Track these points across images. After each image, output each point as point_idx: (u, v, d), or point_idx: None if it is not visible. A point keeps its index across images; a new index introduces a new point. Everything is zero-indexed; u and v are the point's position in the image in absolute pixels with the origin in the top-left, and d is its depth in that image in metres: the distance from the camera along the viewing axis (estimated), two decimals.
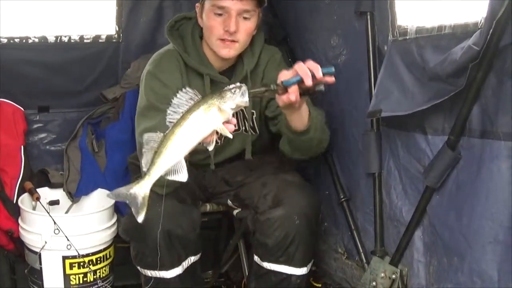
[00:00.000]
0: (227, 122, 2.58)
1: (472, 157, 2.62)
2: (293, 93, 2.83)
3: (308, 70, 2.80)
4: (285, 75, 2.85)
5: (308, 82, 2.80)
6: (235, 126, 2.64)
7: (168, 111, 2.56)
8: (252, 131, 3.66)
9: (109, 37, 4.41)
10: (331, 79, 2.85)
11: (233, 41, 3.39)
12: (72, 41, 4.30)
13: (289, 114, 3.11)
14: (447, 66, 2.57)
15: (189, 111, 2.52)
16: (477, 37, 2.37)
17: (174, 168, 2.53)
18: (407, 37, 2.94)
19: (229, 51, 3.42)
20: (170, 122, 2.54)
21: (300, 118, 3.14)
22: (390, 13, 3.08)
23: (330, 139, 3.64)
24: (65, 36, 4.27)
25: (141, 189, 2.53)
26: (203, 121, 2.52)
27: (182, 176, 2.55)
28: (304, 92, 2.86)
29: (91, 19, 4.34)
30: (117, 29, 4.40)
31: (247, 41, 3.48)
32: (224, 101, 2.53)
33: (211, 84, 3.51)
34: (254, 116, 3.63)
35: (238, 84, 2.59)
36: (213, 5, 3.34)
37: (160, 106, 3.33)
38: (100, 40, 4.39)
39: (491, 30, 2.31)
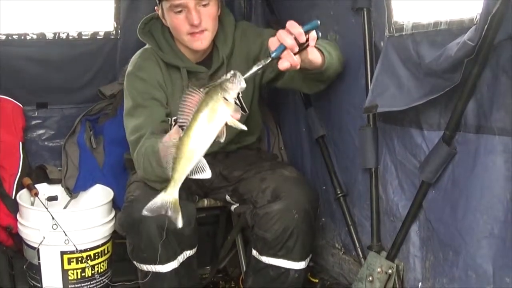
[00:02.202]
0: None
1: (467, 152, 2.63)
2: (286, 59, 2.83)
3: (290, 38, 2.79)
4: (272, 43, 2.83)
5: (295, 50, 2.82)
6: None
7: (178, 113, 2.55)
8: (241, 112, 3.67)
9: (107, 34, 4.43)
10: (314, 37, 2.87)
11: (201, 31, 3.41)
12: (70, 37, 4.33)
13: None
14: (442, 61, 2.57)
15: (198, 111, 2.52)
16: (472, 32, 2.38)
17: (196, 168, 2.56)
18: (403, 33, 2.95)
19: (202, 43, 3.45)
20: (181, 125, 2.55)
21: (311, 63, 3.09)
22: (387, 9, 3.08)
23: (328, 134, 3.68)
24: (63, 33, 4.30)
25: (170, 196, 2.58)
26: (214, 117, 2.53)
27: (206, 174, 2.59)
28: (302, 45, 2.86)
29: (89, 15, 4.35)
30: (115, 25, 4.42)
31: (215, 24, 3.50)
32: (227, 92, 2.55)
33: (191, 75, 3.55)
34: (241, 95, 3.64)
35: (232, 72, 2.60)
36: (170, 6, 3.37)
37: (144, 103, 3.41)
38: (98, 37, 4.41)
39: (486, 26, 2.31)
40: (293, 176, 3.58)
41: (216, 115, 2.53)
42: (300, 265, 3.47)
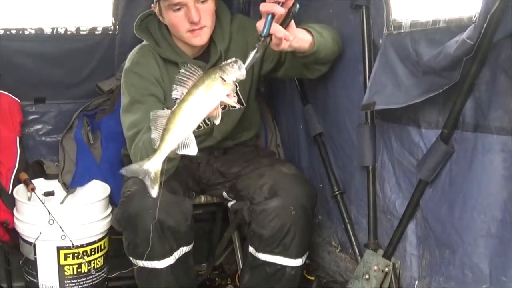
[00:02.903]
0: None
1: (465, 151, 2.64)
2: (277, 33, 2.86)
3: (271, 4, 2.82)
4: (259, 25, 2.87)
5: (279, 10, 2.83)
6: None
7: (173, 87, 2.61)
8: (239, 104, 3.68)
9: (105, 29, 4.41)
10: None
11: (201, 28, 3.42)
12: (69, 33, 4.31)
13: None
14: (441, 59, 2.58)
15: (194, 86, 2.58)
16: (471, 31, 2.38)
17: (183, 143, 2.60)
18: (402, 31, 2.95)
19: (201, 39, 3.46)
20: (175, 98, 2.59)
21: (301, 42, 3.12)
22: (385, 7, 3.08)
23: (325, 132, 3.67)
24: (62, 28, 4.28)
25: (153, 164, 2.62)
26: (209, 94, 2.58)
27: (192, 150, 2.62)
28: (285, 20, 2.89)
29: (87, 11, 4.33)
30: (114, 21, 4.40)
31: (213, 20, 3.51)
32: (226, 74, 2.60)
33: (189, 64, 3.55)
34: (238, 88, 3.64)
35: (233, 58, 2.66)
36: (169, 4, 3.37)
37: (142, 99, 3.42)
38: (96, 32, 4.40)
39: (485, 24, 2.31)
40: (291, 173, 3.58)
41: (211, 92, 2.58)
42: (297, 262, 3.47)
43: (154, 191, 2.65)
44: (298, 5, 2.90)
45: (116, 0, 4.37)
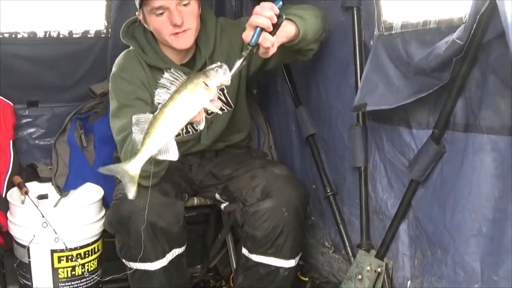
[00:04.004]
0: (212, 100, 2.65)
1: (456, 151, 2.65)
2: (264, 43, 2.85)
3: (263, 19, 2.81)
4: (247, 36, 2.85)
5: (270, 29, 2.83)
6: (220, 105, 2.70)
7: (156, 92, 2.61)
8: (227, 106, 3.69)
9: (98, 33, 4.41)
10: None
11: (184, 30, 3.41)
12: (61, 36, 4.30)
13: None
14: (431, 60, 2.59)
15: (177, 91, 2.58)
16: (461, 31, 2.40)
17: (164, 147, 2.59)
18: (393, 32, 2.96)
19: (186, 41, 3.45)
20: (158, 103, 2.59)
21: (287, 35, 3.11)
22: (376, 8, 3.10)
23: (317, 133, 3.69)
24: (54, 31, 4.27)
25: (131, 166, 2.61)
26: (191, 99, 2.58)
27: (172, 155, 2.61)
28: (273, 31, 2.88)
29: (80, 14, 4.32)
30: (106, 24, 4.40)
31: (198, 23, 3.48)
32: (209, 79, 2.60)
33: (172, 68, 3.55)
34: (226, 91, 3.65)
35: (218, 63, 2.65)
36: (151, 9, 3.37)
37: (130, 103, 3.42)
38: (89, 36, 4.39)
39: (475, 25, 2.33)
40: (284, 174, 3.59)
41: (193, 97, 2.58)
42: (290, 263, 3.48)
43: (131, 193, 2.66)
44: (284, 16, 2.89)
45: (108, 3, 4.37)
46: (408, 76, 2.82)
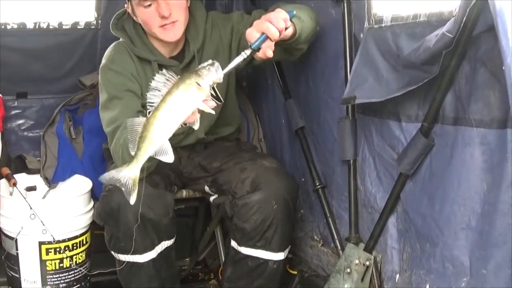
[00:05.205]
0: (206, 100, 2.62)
1: (445, 144, 2.65)
2: (267, 52, 2.84)
3: (275, 30, 2.82)
4: (252, 36, 2.84)
5: (275, 37, 2.84)
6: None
7: (148, 95, 2.59)
8: (216, 100, 3.68)
9: (87, 24, 4.40)
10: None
11: (172, 22, 3.40)
12: (51, 27, 4.29)
13: None
14: (421, 53, 2.58)
15: (169, 92, 2.54)
16: (451, 24, 2.39)
17: (159, 150, 2.57)
18: (383, 25, 2.95)
19: (174, 34, 3.44)
20: (150, 106, 2.57)
21: (285, 36, 3.07)
22: (366, 1, 3.08)
23: (307, 126, 3.68)
24: (44, 23, 4.26)
25: (130, 172, 2.59)
26: (184, 100, 2.55)
27: (168, 157, 2.60)
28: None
29: (70, 5, 4.31)
30: (96, 16, 4.39)
31: (186, 15, 3.48)
32: (201, 78, 2.57)
33: (163, 69, 3.54)
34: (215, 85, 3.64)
35: (210, 61, 2.62)
36: (139, 1, 3.37)
37: (119, 94, 3.41)
38: (78, 27, 4.38)
39: (464, 18, 2.32)
40: (273, 166, 3.60)
41: (186, 98, 2.55)
42: (279, 256, 3.49)
43: (132, 199, 2.62)
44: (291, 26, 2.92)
45: None
46: (398, 69, 2.81)
